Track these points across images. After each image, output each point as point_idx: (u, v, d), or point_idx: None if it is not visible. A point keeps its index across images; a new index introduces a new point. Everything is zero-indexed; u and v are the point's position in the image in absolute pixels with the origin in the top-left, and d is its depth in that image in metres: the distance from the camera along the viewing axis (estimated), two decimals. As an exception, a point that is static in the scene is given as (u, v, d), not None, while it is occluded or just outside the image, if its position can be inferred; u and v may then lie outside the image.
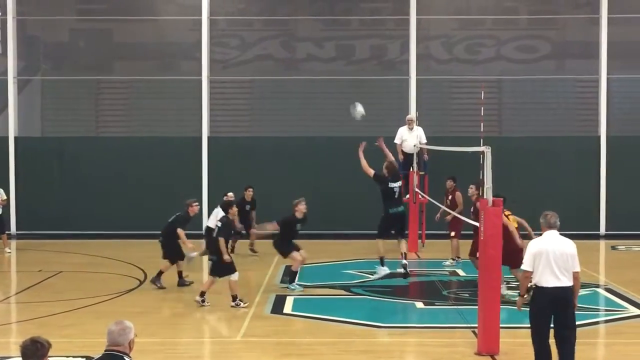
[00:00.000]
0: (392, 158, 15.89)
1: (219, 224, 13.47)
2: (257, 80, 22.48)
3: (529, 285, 9.07)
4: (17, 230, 21.66)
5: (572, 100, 22.22)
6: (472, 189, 14.85)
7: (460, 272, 16.23)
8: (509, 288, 13.62)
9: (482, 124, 17.71)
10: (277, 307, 13.23)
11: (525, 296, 9.16)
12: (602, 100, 21.74)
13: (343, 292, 14.51)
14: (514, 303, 9.36)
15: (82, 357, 9.94)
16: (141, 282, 15.26)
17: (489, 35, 22.44)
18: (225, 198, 16.94)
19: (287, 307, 13.20)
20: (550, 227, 8.91)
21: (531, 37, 22.54)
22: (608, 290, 14.61)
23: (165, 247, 14.74)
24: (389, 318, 12.63)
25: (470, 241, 14.05)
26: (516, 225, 13.39)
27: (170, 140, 21.76)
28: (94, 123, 22.92)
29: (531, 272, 8.78)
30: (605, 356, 10.96)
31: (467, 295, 13.96)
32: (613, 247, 20.08)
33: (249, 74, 22.47)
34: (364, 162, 15.20)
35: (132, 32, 22.75)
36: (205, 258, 15.17)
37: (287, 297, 13.89)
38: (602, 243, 20.69)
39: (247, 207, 18.47)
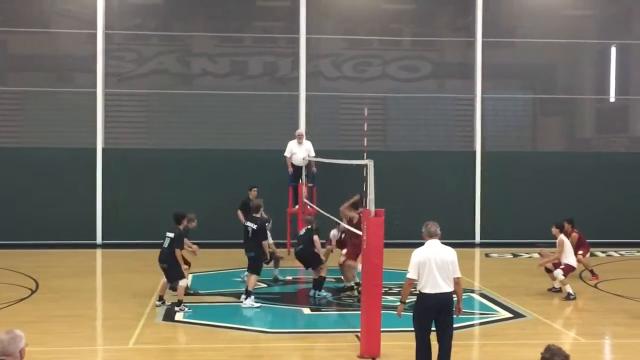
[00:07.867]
0: None
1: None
2: (152, 93, 22.60)
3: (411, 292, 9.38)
4: None
5: (451, 117, 23.33)
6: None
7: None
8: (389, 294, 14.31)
9: (365, 139, 18.53)
10: (169, 314, 13.38)
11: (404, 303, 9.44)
12: (477, 117, 23.00)
13: (234, 299, 14.77)
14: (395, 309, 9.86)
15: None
16: (33, 292, 15.13)
17: (375, 55, 23.28)
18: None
19: (179, 315, 13.34)
20: (431, 236, 9.33)
21: (414, 57, 23.53)
22: (482, 295, 15.44)
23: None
24: (277, 324, 13.08)
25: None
26: None
27: (64, 151, 21.68)
28: (-13, 134, 22.67)
29: (416, 280, 9.18)
30: (479, 357, 11.61)
31: (352, 301, 14.52)
32: (487, 255, 21.09)
33: (145, 88, 22.58)
34: None
35: (27, 44, 22.53)
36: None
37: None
38: (477, 251, 21.70)
39: None
